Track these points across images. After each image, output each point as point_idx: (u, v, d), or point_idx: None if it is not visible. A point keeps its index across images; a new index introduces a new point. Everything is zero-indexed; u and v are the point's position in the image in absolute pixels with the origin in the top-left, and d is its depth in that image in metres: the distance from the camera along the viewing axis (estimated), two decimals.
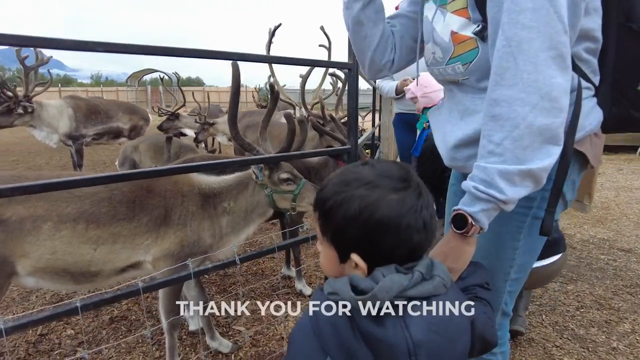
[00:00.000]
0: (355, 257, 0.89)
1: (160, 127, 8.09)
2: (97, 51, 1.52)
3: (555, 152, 1.05)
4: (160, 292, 2.28)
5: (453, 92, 1.39)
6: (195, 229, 2.22)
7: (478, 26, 1.18)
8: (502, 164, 1.04)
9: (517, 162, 1.03)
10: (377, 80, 3.87)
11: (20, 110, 6.23)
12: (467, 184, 1.09)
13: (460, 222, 1.08)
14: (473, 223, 1.06)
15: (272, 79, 4.62)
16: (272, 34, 4.64)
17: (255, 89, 18.32)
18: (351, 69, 2.43)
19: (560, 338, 2.78)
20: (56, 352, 2.66)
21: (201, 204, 2.26)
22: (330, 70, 4.97)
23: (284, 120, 6.53)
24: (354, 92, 2.35)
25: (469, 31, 1.21)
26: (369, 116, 7.07)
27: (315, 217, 0.98)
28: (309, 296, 3.35)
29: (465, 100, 1.33)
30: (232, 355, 2.60)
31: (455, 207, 1.10)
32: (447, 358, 0.86)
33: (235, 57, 1.90)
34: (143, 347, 2.70)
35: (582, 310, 3.13)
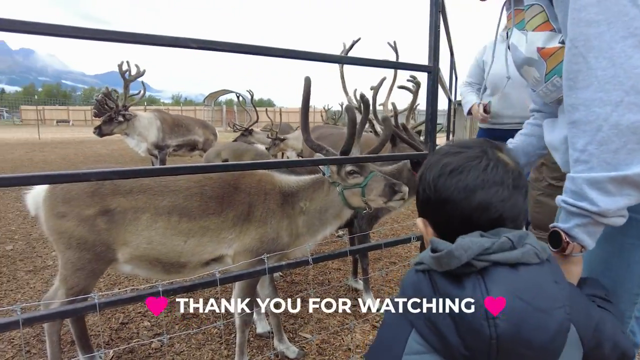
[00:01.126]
0: (418, 220, 0.94)
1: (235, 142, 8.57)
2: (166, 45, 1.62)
3: None
4: (236, 287, 2.33)
5: (557, 111, 1.37)
6: (274, 227, 2.25)
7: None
8: (589, 171, 0.95)
9: (608, 168, 0.92)
10: (462, 88, 3.77)
11: (120, 119, 7.01)
12: (558, 199, 1.02)
13: (556, 240, 0.99)
14: (568, 240, 0.97)
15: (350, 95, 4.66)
16: (350, 49, 4.70)
17: (323, 108, 18.73)
18: (431, 72, 2.36)
19: None
20: (134, 340, 2.81)
21: (281, 203, 2.30)
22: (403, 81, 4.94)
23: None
24: (433, 95, 2.28)
25: (555, 42, 1.19)
26: (441, 133, 6.89)
27: None
28: (378, 310, 3.23)
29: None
30: None
31: (552, 225, 1.02)
32: (536, 330, 0.76)
33: (316, 57, 1.93)
34: (212, 344, 2.76)
35: None
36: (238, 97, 16.07)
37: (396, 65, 2.25)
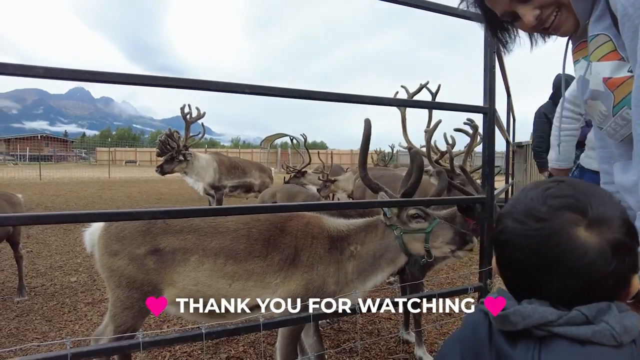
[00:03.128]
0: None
1: (287, 183, 8.71)
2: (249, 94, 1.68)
3: None
4: (280, 335, 2.24)
5: (629, 152, 1.23)
6: (321, 273, 2.16)
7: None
8: None
9: None
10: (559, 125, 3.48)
11: (180, 158, 7.41)
12: None
13: None
14: None
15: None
16: (417, 92, 4.73)
17: (375, 151, 18.85)
18: (487, 113, 2.28)
19: None
20: None
21: (329, 248, 2.21)
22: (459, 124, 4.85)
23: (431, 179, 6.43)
24: (490, 137, 2.18)
25: (624, 71, 1.11)
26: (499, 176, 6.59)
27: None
28: None
29: None
30: None
31: None
32: None
33: (373, 101, 1.93)
34: None
35: None
36: (292, 140, 16.77)
37: (451, 107, 2.19)
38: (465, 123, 3.54)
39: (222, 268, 2.11)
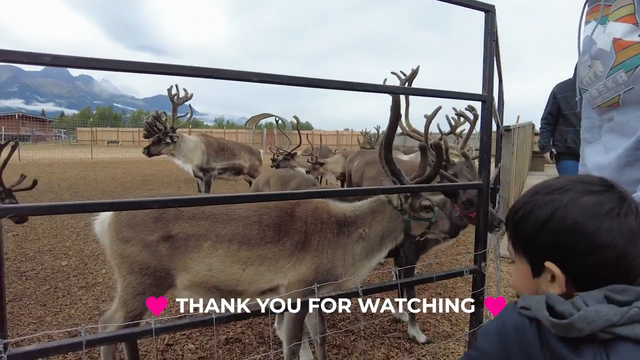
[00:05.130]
0: (550, 264, 0.80)
1: (276, 166, 8.65)
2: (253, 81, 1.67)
3: None
4: (286, 317, 2.31)
5: (613, 120, 1.34)
6: (330, 257, 2.24)
7: None
8: None
9: None
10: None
11: (167, 140, 7.30)
12: None
13: None
14: None
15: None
16: (409, 78, 4.71)
17: (361, 132, 18.86)
18: (485, 101, 2.32)
19: None
20: None
21: (337, 232, 2.29)
22: (459, 109, 4.90)
23: (403, 157, 6.44)
24: (487, 125, 2.22)
25: (634, 36, 1.20)
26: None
27: (507, 236, 0.92)
28: (423, 344, 3.11)
29: (629, 120, 1.28)
30: None
31: None
32: None
33: (371, 89, 1.94)
34: None
35: None
36: (277, 121, 16.63)
37: (449, 95, 2.23)
38: (466, 109, 3.58)
39: (236, 254, 2.14)
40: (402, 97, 4.76)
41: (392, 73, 5.36)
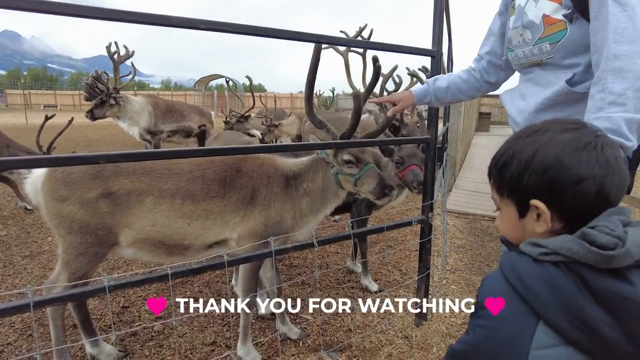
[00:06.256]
0: (535, 202, 0.84)
1: (230, 128, 8.45)
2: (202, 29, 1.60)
3: None
4: (240, 270, 2.35)
5: (533, 72, 1.62)
6: (278, 210, 2.27)
7: (569, 9, 1.40)
8: (626, 112, 1.17)
9: (638, 112, 1.17)
10: None
11: (111, 102, 6.85)
12: None
13: None
14: None
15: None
16: (357, 35, 4.69)
17: (316, 94, 18.75)
18: (435, 56, 2.38)
19: None
20: (136, 323, 2.83)
21: (284, 186, 2.32)
22: (412, 70, 4.96)
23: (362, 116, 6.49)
24: None
25: (559, 14, 1.43)
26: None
27: (491, 185, 0.96)
28: (375, 292, 3.29)
29: (547, 75, 1.55)
30: (300, 342, 2.61)
31: None
32: None
33: (323, 40, 1.93)
34: (214, 327, 2.79)
35: None
36: (227, 82, 16.08)
37: (398, 49, 2.26)
38: (419, 70, 3.64)
39: (180, 208, 2.12)
40: (351, 57, 4.75)
41: (341, 32, 5.33)
